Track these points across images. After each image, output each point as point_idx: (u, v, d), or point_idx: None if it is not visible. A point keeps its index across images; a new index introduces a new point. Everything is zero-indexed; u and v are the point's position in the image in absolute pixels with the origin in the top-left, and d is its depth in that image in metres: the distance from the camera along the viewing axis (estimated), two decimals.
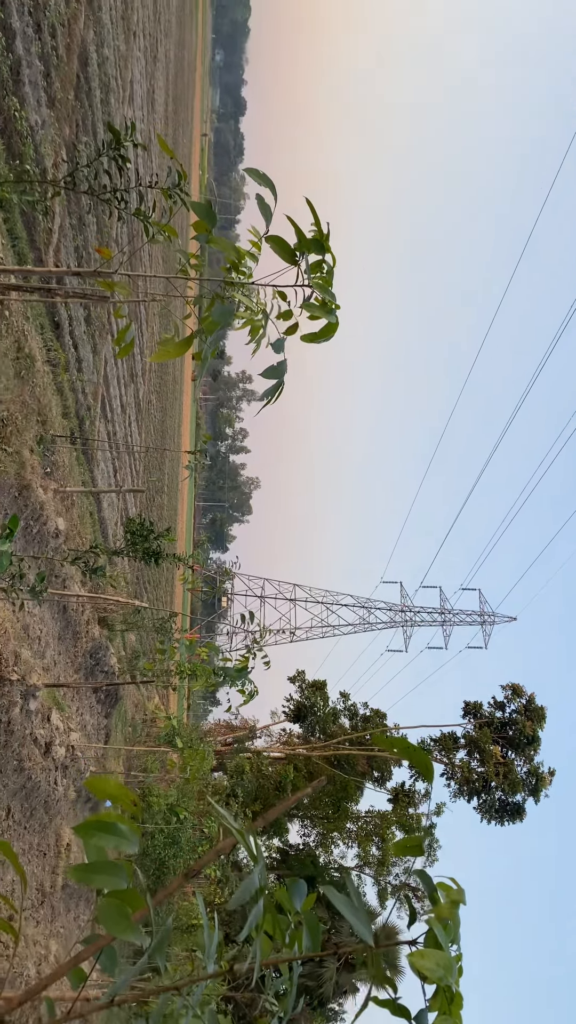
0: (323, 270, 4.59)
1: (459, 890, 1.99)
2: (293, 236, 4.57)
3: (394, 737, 2.05)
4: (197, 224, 4.57)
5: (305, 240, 4.52)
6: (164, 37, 37.11)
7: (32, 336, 11.43)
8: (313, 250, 4.56)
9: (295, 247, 4.58)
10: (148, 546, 13.38)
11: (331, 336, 4.48)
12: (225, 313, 4.39)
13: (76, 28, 14.28)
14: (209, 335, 4.39)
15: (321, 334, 4.47)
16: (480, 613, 71.86)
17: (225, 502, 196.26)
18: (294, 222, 4.49)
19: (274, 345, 4.40)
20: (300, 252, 4.58)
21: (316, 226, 4.52)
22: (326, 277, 4.62)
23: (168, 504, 47.52)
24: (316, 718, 36.93)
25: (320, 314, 4.43)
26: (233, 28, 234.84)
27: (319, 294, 4.53)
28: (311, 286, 4.54)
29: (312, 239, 4.55)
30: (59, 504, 13.21)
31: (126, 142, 6.38)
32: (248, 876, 1.75)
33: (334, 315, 4.47)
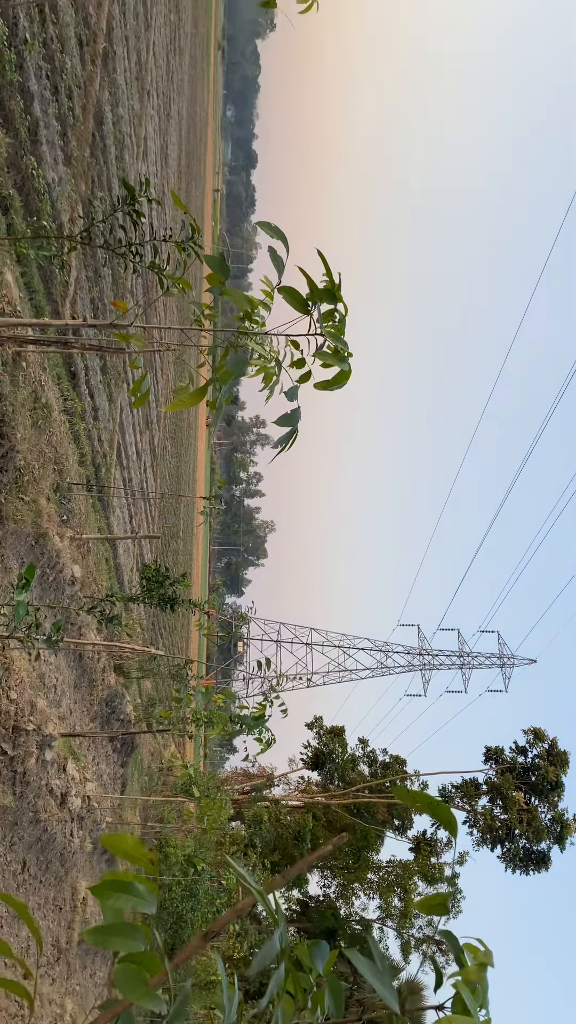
0: (335, 319, 4.65)
1: (487, 952, 1.93)
2: (305, 286, 4.64)
3: (415, 791, 2.01)
4: (211, 276, 4.65)
5: (317, 290, 4.58)
6: (177, 95, 38.21)
7: (49, 386, 11.59)
8: (325, 300, 4.62)
9: (307, 297, 4.64)
10: (163, 592, 13.37)
11: (344, 383, 4.51)
12: (239, 363, 4.44)
13: (92, 89, 14.74)
14: (223, 384, 4.43)
15: (334, 381, 4.51)
16: (499, 656, 71.04)
17: (240, 546, 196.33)
18: (306, 273, 4.56)
19: (287, 393, 4.43)
20: (312, 302, 4.64)
21: (327, 276, 4.59)
22: (338, 326, 4.67)
23: (183, 549, 47.58)
24: (334, 765, 36.37)
25: (333, 362, 4.47)
26: (244, 85, 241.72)
27: (332, 342, 4.58)
28: (323, 335, 4.59)
29: (324, 289, 4.61)
30: (75, 551, 13.26)
31: (140, 197, 6.53)
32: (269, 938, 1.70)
33: (347, 363, 4.51)
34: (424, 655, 73.01)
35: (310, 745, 37.84)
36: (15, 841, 10.93)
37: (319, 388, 4.53)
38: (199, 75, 67.63)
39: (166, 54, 31.11)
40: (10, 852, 10.83)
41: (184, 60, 44.30)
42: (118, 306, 4.98)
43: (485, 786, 35.25)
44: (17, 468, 9.82)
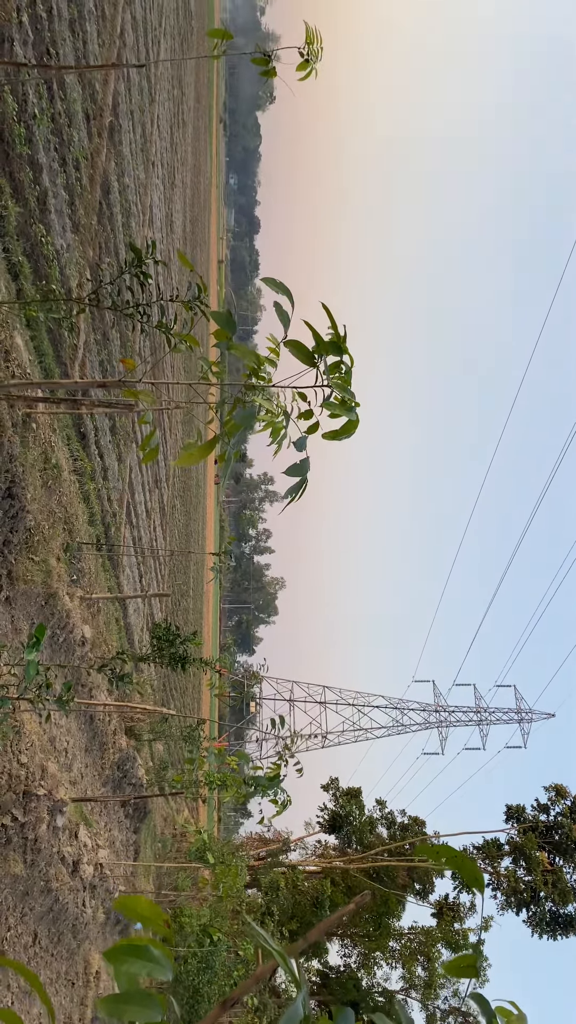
0: (341, 370, 4.68)
1: (520, 1015, 1.82)
2: (311, 340, 4.69)
3: (439, 846, 1.93)
4: (217, 332, 4.71)
5: (323, 343, 4.63)
6: (181, 165, 39.41)
7: (59, 447, 11.69)
8: (331, 352, 4.66)
9: (313, 350, 4.68)
10: (174, 651, 13.24)
11: (352, 433, 4.52)
12: (246, 416, 4.46)
13: (99, 161, 15.21)
14: (231, 438, 4.45)
15: (342, 431, 4.52)
16: (517, 711, 69.84)
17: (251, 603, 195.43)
18: (311, 326, 4.61)
19: (296, 443, 4.44)
20: (318, 354, 4.68)
21: (333, 329, 4.64)
22: (344, 377, 4.70)
23: (194, 607, 47.36)
24: (352, 828, 35.50)
25: (340, 412, 4.49)
26: (245, 154, 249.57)
27: (338, 393, 4.60)
28: (330, 386, 4.61)
29: (329, 341, 4.66)
30: (85, 611, 13.19)
31: (147, 259, 6.67)
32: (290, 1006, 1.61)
33: (354, 412, 4.52)
34: (440, 712, 71.88)
35: (326, 807, 37.02)
36: (26, 912, 10.63)
37: (327, 438, 4.54)
38: (202, 146, 69.88)
39: (170, 127, 32.18)
40: (21, 923, 10.52)
41: (187, 132, 45.82)
42: (126, 364, 5.03)
43: (507, 846, 34.27)
44: (27, 528, 9.83)
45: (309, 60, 6.30)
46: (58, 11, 11.96)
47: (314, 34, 6.14)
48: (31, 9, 10.43)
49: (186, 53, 44.44)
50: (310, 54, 6.25)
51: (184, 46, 42.19)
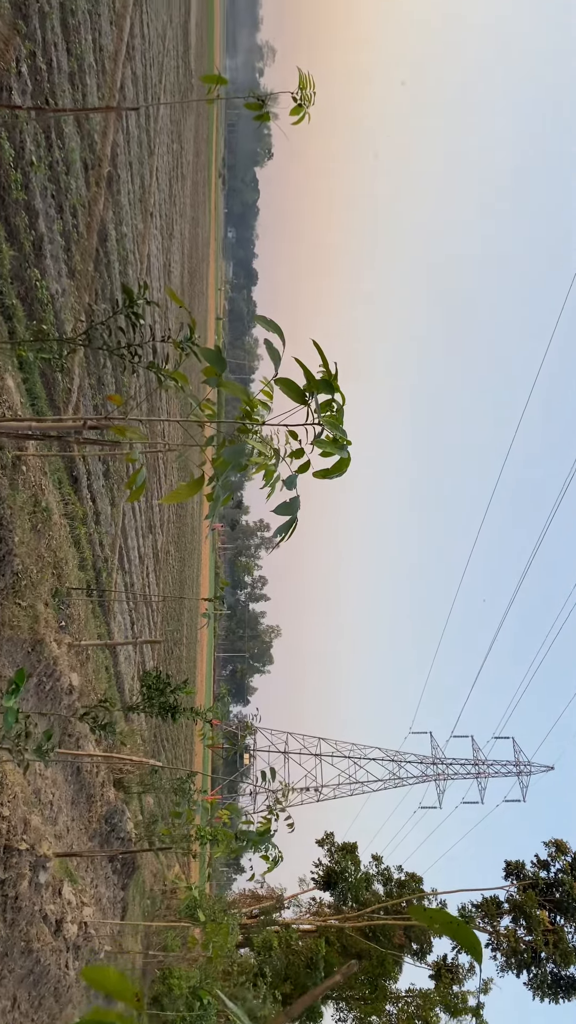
0: (333, 408, 4.57)
1: None
2: (303, 379, 4.59)
3: (434, 910, 1.73)
4: (207, 370, 4.61)
5: (314, 381, 4.53)
6: (179, 217, 40.08)
7: (50, 490, 11.55)
8: (322, 390, 4.56)
9: (304, 388, 4.58)
10: (164, 700, 12.94)
11: (344, 472, 4.40)
12: (236, 452, 4.33)
13: (96, 209, 15.37)
14: (221, 474, 4.32)
15: (334, 470, 4.39)
16: (515, 763, 68.74)
17: (245, 652, 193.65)
18: (302, 364, 4.52)
19: (286, 482, 4.31)
20: (310, 392, 4.58)
21: (324, 367, 4.54)
22: (336, 415, 4.59)
23: (187, 656, 46.80)
24: (347, 884, 34.55)
25: (332, 450, 4.36)
26: (244, 208, 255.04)
27: (330, 431, 4.49)
28: (322, 424, 4.50)
29: (321, 380, 4.56)
30: (73, 659, 12.91)
31: (139, 301, 6.61)
32: None
33: (346, 451, 4.40)
34: (438, 764, 70.71)
35: (321, 863, 36.10)
36: (5, 974, 10.16)
37: (318, 477, 4.41)
38: (201, 200, 71.29)
39: (169, 179, 32.78)
40: (0, 987, 10.05)
41: (186, 185, 46.72)
42: (113, 400, 4.92)
43: (507, 904, 33.34)
44: (15, 573, 9.63)
45: (302, 105, 6.34)
46: (58, 64, 12.17)
47: (307, 80, 6.19)
48: (31, 60, 10.60)
49: (185, 110, 45.60)
50: (303, 99, 6.28)
51: (184, 103, 43.27)
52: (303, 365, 4.48)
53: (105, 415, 6.88)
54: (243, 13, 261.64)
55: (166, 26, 31.47)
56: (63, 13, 12.63)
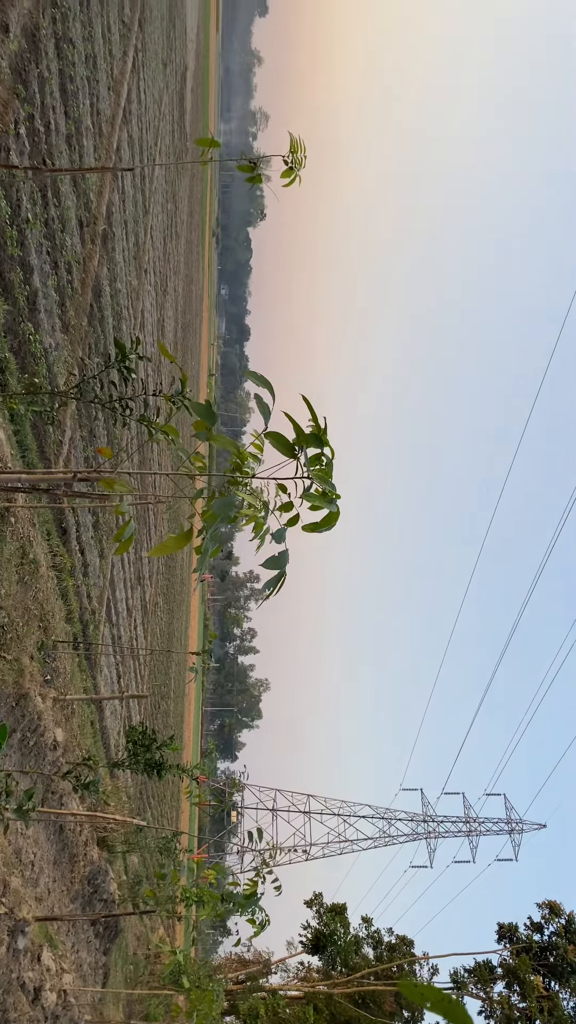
0: (322, 462, 4.59)
1: None
2: (292, 433, 4.62)
3: (424, 986, 1.68)
4: (198, 423, 4.64)
5: (303, 435, 4.56)
6: (173, 274, 40.80)
7: (38, 542, 11.49)
8: (311, 444, 4.58)
9: (294, 442, 4.61)
10: (150, 757, 12.69)
11: (333, 525, 4.40)
12: (225, 505, 4.33)
13: (91, 265, 15.62)
14: (209, 528, 4.31)
15: (323, 524, 4.39)
16: (507, 820, 67.56)
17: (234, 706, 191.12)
18: (291, 418, 4.55)
19: (275, 535, 4.30)
20: (299, 446, 4.60)
21: (313, 421, 4.57)
22: (325, 469, 4.61)
23: (174, 710, 46.13)
24: (336, 948, 33.58)
25: (321, 503, 4.37)
26: (237, 267, 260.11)
27: (319, 485, 4.50)
28: (311, 477, 4.52)
29: (310, 434, 4.59)
30: (58, 713, 12.69)
31: (131, 354, 6.68)
32: None
33: (335, 504, 4.41)
34: (429, 822, 69.40)
35: (309, 926, 35.12)
36: None
37: (307, 531, 4.41)
38: (195, 258, 72.68)
39: (163, 238, 33.45)
40: None
41: (180, 244, 47.67)
42: (102, 452, 4.93)
43: (500, 969, 32.40)
44: (0, 625, 9.52)
45: (293, 168, 6.50)
46: (56, 126, 12.49)
47: (298, 143, 6.36)
48: (29, 123, 10.87)
49: (180, 172, 46.76)
50: (294, 162, 6.45)
51: (179, 165, 44.40)
52: (292, 419, 4.51)
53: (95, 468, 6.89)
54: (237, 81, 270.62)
55: (162, 92, 32.46)
56: (62, 79, 13.01)
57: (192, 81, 62.56)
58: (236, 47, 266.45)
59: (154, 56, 28.49)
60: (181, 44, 47.04)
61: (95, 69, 15.86)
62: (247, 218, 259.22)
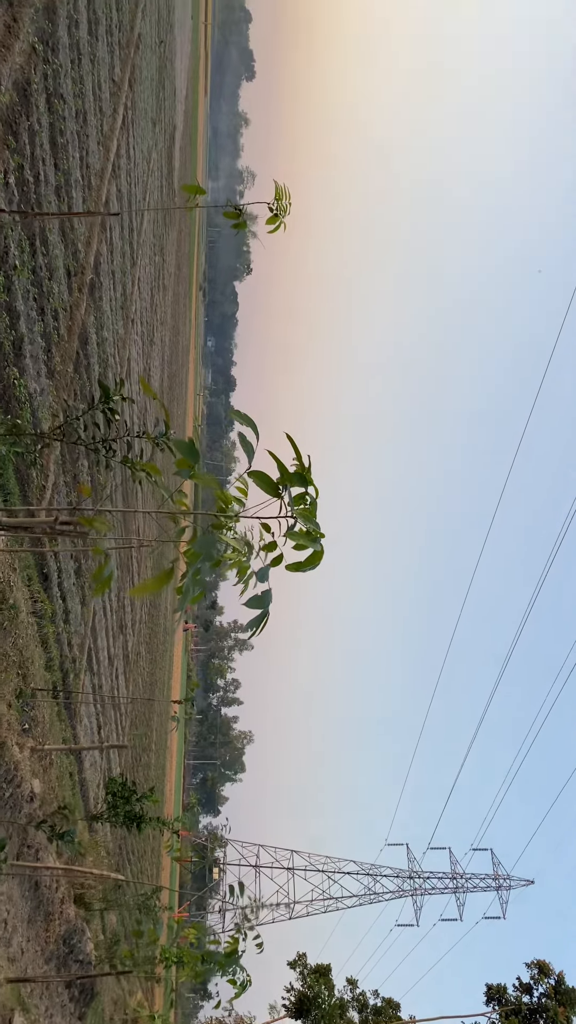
0: (306, 501, 4.57)
1: None
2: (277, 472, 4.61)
3: None
4: (180, 461, 4.60)
5: (287, 473, 4.54)
6: (160, 325, 41.26)
7: (18, 587, 11.35)
8: (295, 483, 4.56)
9: (278, 481, 4.58)
10: (130, 809, 12.38)
11: (317, 564, 4.35)
12: (206, 543, 4.27)
13: (78, 313, 15.76)
14: (192, 564, 4.25)
15: (307, 563, 4.35)
16: (495, 876, 66.26)
17: (217, 759, 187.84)
18: (275, 457, 4.53)
19: (259, 574, 4.25)
20: (283, 485, 4.58)
21: (297, 459, 4.56)
22: (310, 508, 4.58)
23: (155, 763, 45.24)
24: (320, 1012, 32.52)
25: (305, 542, 4.33)
26: (223, 320, 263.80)
27: (304, 524, 4.47)
28: (295, 517, 4.48)
29: (294, 472, 4.57)
30: (36, 764, 12.38)
31: (115, 396, 6.68)
32: None
33: (318, 543, 4.37)
34: (415, 878, 67.95)
35: (293, 988, 34.06)
36: None
37: (291, 570, 4.36)
38: (182, 310, 73.64)
39: (150, 289, 33.89)
40: None
41: (167, 296, 48.32)
42: (83, 491, 4.88)
43: None
44: None
45: (278, 215, 6.61)
46: (45, 177, 12.70)
47: (282, 191, 6.48)
48: (19, 173, 11.05)
49: (168, 226, 47.66)
50: (279, 209, 6.56)
51: (167, 219, 45.28)
52: (276, 458, 4.49)
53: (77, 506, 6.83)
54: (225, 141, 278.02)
55: (151, 149, 33.22)
56: (52, 132, 13.28)
57: (181, 140, 64.16)
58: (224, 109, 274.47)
59: (143, 114, 29.21)
60: (170, 105, 48.35)
61: (85, 124, 16.21)
62: (234, 272, 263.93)
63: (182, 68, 69.87)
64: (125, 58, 22.68)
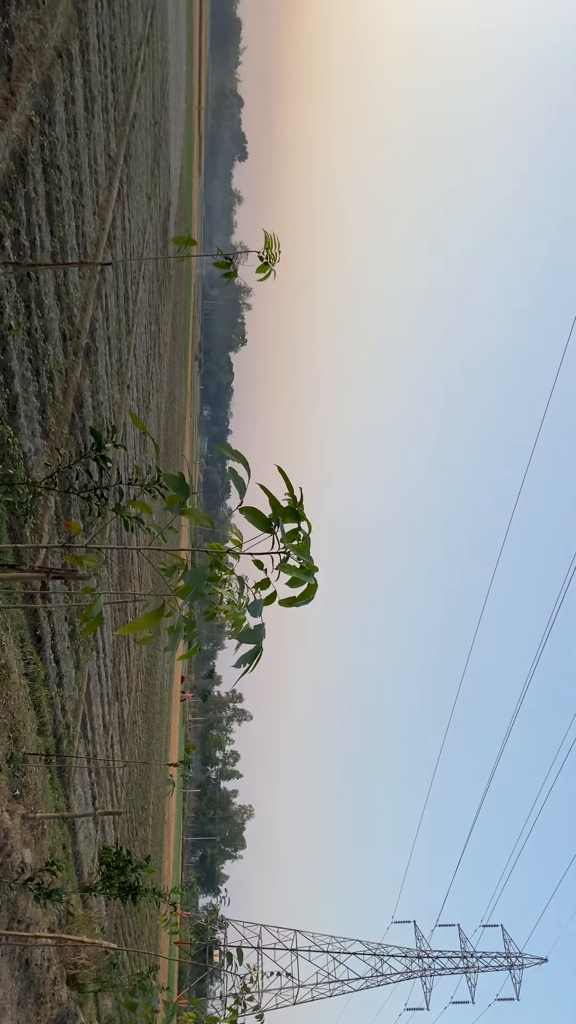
0: (299, 536, 4.47)
1: None
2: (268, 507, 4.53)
3: None
4: (171, 497, 4.53)
5: (280, 508, 4.46)
6: (156, 392, 41.77)
7: (10, 647, 11.13)
8: (288, 518, 4.48)
9: (270, 516, 4.50)
10: (125, 880, 11.91)
11: (311, 598, 4.24)
12: (197, 577, 4.16)
13: (73, 376, 15.91)
14: (183, 599, 4.13)
15: (301, 598, 4.23)
16: (506, 955, 63.82)
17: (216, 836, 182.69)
18: (267, 491, 4.46)
19: (251, 608, 4.13)
20: (275, 521, 4.50)
21: (289, 494, 4.49)
22: (303, 543, 4.49)
23: (153, 838, 43.92)
24: None
25: (299, 576, 4.22)
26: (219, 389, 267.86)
27: (297, 559, 4.37)
28: (288, 551, 4.39)
29: (287, 507, 4.49)
30: (27, 833, 11.94)
31: (107, 444, 6.64)
32: None
33: (312, 577, 4.26)
34: (423, 958, 65.41)
35: None
36: None
37: (285, 605, 4.24)
38: (177, 378, 74.72)
39: (146, 356, 34.40)
40: None
41: (163, 364, 49.07)
42: (71, 527, 4.79)
43: None
44: None
45: (268, 264, 6.70)
46: (41, 242, 12.96)
47: (272, 240, 6.57)
48: (15, 237, 11.27)
49: (163, 298, 48.70)
50: (268, 258, 6.65)
51: (162, 291, 46.29)
52: (268, 492, 4.42)
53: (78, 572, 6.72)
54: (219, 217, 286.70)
55: (146, 222, 34.15)
56: (49, 201, 13.61)
57: (176, 215, 66.09)
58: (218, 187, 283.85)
59: (139, 189, 30.11)
60: (165, 181, 49.95)
61: (81, 195, 16.65)
62: (229, 343, 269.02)
63: (176, 148, 72.45)
64: (121, 135, 23.47)
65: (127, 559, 25.91)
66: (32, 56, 12.33)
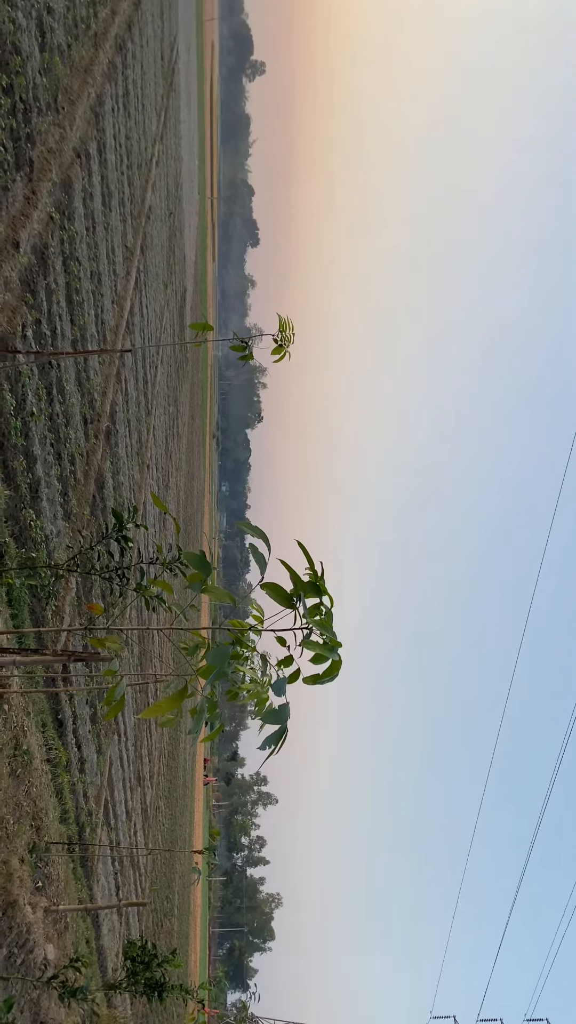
0: (322, 611, 4.44)
1: None
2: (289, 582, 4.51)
3: None
4: (192, 576, 4.53)
5: (300, 583, 4.44)
6: (175, 471, 42.27)
7: (32, 732, 11.00)
8: (309, 592, 4.46)
9: (291, 592, 4.48)
10: (150, 975, 11.45)
11: (335, 675, 4.18)
12: (220, 655, 4.13)
13: (94, 458, 16.16)
14: (206, 679, 4.08)
15: (325, 675, 4.18)
16: None
17: (244, 926, 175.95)
18: (288, 566, 4.45)
19: (275, 687, 4.07)
20: (297, 596, 4.48)
21: (310, 568, 4.47)
22: (325, 619, 4.45)
23: (179, 930, 42.39)
24: None
25: (322, 652, 4.17)
26: (236, 465, 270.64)
27: (319, 634, 4.33)
28: (311, 627, 4.35)
29: (308, 582, 4.47)
30: (50, 927, 11.57)
31: (128, 524, 6.70)
32: None
33: (335, 652, 4.21)
34: None
35: None
36: None
37: (309, 683, 4.18)
38: (196, 456, 75.71)
39: (165, 437, 34.96)
40: None
41: (182, 443, 49.80)
42: (93, 609, 4.79)
43: None
44: None
45: (282, 345, 6.85)
46: (62, 331, 13.36)
47: (286, 323, 6.74)
48: (36, 326, 11.63)
49: (181, 379, 49.75)
50: (283, 340, 6.80)
51: (180, 373, 47.33)
52: (289, 567, 4.41)
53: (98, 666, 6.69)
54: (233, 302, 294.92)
55: (163, 308, 35.18)
56: (68, 291, 14.08)
57: (192, 300, 68.08)
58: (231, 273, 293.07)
59: (155, 277, 31.12)
60: (180, 269, 51.62)
61: (100, 284, 17.22)
62: (245, 421, 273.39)
63: (191, 237, 75.12)
64: (137, 227, 24.40)
65: (147, 639, 25.79)
66: (52, 157, 12.95)
